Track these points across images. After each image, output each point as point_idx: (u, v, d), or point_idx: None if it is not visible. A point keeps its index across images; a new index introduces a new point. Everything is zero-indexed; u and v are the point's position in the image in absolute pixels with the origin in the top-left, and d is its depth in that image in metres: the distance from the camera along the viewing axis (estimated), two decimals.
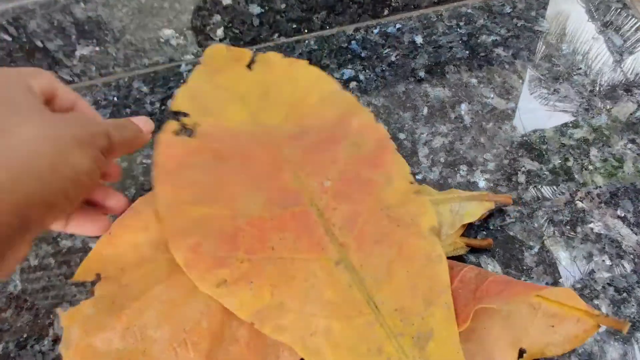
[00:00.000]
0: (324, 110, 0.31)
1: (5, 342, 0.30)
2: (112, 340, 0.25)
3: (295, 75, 0.33)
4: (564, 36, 0.35)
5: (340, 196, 0.28)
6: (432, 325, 0.23)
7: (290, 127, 0.31)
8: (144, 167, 0.36)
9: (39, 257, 0.33)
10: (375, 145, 0.29)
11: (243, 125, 0.31)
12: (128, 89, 0.42)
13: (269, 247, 0.26)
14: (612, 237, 0.27)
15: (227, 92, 0.33)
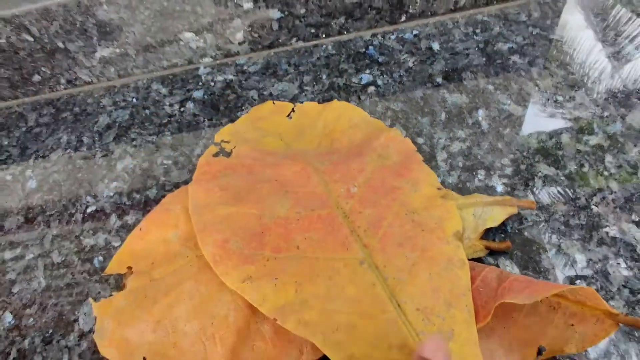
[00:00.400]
0: (353, 133, 0.33)
1: (31, 338, 0.31)
2: (144, 333, 0.26)
3: (327, 113, 0.36)
4: (577, 45, 0.36)
5: (366, 201, 0.28)
6: (452, 326, 0.24)
7: (320, 149, 0.34)
8: (164, 168, 0.37)
9: (62, 254, 0.34)
10: (401, 156, 0.31)
11: (277, 149, 0.34)
12: (147, 90, 0.42)
13: (294, 246, 0.27)
14: (627, 240, 0.28)
15: (266, 131, 0.36)
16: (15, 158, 0.40)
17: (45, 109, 0.43)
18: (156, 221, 0.30)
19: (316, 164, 0.31)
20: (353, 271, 0.26)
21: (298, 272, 0.26)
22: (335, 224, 0.28)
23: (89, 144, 0.40)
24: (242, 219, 0.28)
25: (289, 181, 0.30)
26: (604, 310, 0.22)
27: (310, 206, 0.28)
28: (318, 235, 0.27)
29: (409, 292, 0.25)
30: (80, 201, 0.36)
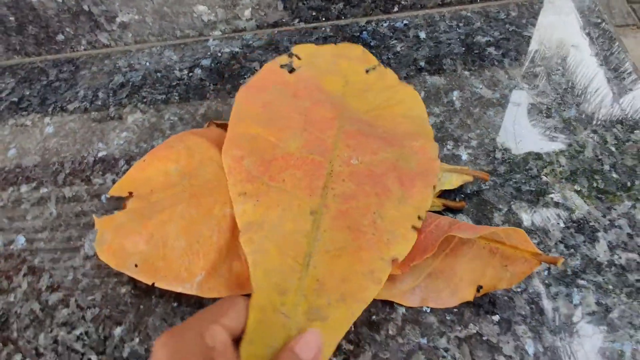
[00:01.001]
0: (401, 122, 0.34)
1: (41, 257, 0.35)
2: (138, 244, 0.30)
3: (398, 90, 0.36)
4: (565, 65, 0.40)
5: (355, 177, 0.30)
6: (330, 314, 0.26)
7: (365, 115, 0.35)
8: (171, 123, 0.41)
9: (73, 190, 0.38)
10: (417, 170, 0.31)
11: (331, 91, 0.36)
12: (160, 56, 0.47)
13: (282, 179, 0.30)
14: (568, 205, 0.32)
15: (338, 70, 0.38)
16: (35, 107, 0.44)
17: (65, 66, 0.48)
18: (159, 155, 0.34)
19: (346, 123, 0.33)
20: (300, 214, 0.29)
21: (272, 199, 0.30)
22: (317, 173, 0.31)
23: (104, 99, 0.44)
24: (263, 143, 0.32)
25: (313, 122, 0.33)
26: (531, 252, 0.27)
27: (312, 150, 0.32)
28: (300, 174, 0.31)
29: (325, 264, 0.27)
30: (93, 147, 0.40)
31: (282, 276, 0.27)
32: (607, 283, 0.29)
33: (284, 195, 0.30)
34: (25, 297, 0.33)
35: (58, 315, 0.32)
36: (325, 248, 0.28)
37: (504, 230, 0.27)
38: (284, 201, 0.30)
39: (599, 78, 0.38)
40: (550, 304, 0.28)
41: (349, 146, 0.32)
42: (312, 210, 0.29)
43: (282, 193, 0.30)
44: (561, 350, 0.27)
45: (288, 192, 0.30)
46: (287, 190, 0.30)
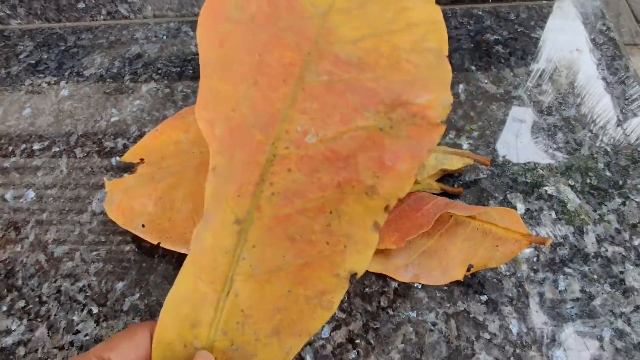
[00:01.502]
0: (406, 62, 0.22)
1: (49, 212, 0.36)
2: (146, 205, 0.31)
3: (415, 9, 0.22)
4: (553, 45, 0.42)
5: (308, 165, 0.22)
6: (259, 352, 0.22)
7: (353, 47, 0.22)
8: (183, 95, 0.42)
9: (84, 151, 0.39)
10: (407, 143, 0.21)
11: (314, 2, 0.23)
12: (177, 31, 0.48)
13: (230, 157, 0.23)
14: (561, 198, 0.33)
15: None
16: (52, 70, 0.46)
17: (84, 34, 0.49)
18: (171, 125, 0.35)
19: (312, 70, 0.22)
20: (222, 222, 0.22)
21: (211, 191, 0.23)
22: (252, 159, 0.22)
23: (120, 67, 0.45)
24: (226, 101, 0.23)
25: (265, 70, 0.23)
26: (522, 232, 0.28)
27: (254, 119, 0.22)
28: (239, 157, 0.23)
29: (249, 290, 0.22)
30: (106, 111, 0.42)
31: (194, 306, 0.21)
32: (593, 273, 0.30)
33: (220, 189, 0.22)
34: (31, 248, 0.34)
35: (62, 267, 0.33)
36: (253, 270, 0.21)
37: (496, 210, 0.28)
38: (217, 198, 0.22)
39: (600, 83, 0.39)
40: (537, 289, 0.29)
41: (305, 113, 0.22)
42: (237, 217, 0.22)
43: (224, 184, 0.23)
44: (544, 331, 0.28)
45: (224, 185, 0.22)
46: (225, 182, 0.22)
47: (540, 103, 0.38)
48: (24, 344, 0.29)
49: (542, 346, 0.27)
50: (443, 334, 0.28)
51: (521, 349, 0.27)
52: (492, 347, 0.28)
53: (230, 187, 0.22)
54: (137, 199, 0.31)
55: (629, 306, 0.28)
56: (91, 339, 0.29)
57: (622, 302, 0.29)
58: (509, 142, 0.36)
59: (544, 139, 0.36)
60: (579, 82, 0.39)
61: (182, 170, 0.32)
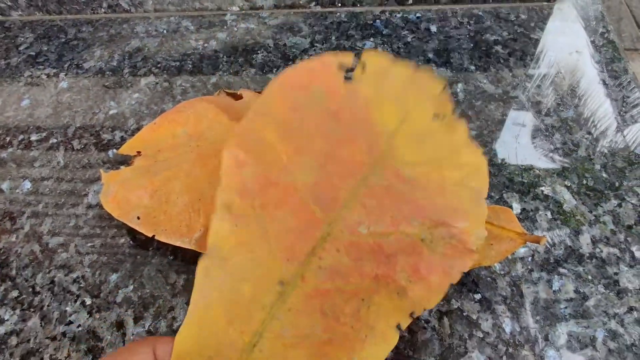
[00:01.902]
0: (451, 192, 0.25)
1: (45, 203, 0.36)
2: (142, 198, 0.31)
3: (464, 154, 0.26)
4: (552, 46, 0.42)
5: (355, 252, 0.24)
6: None
7: (411, 169, 0.26)
8: (182, 89, 0.42)
9: (82, 143, 0.39)
10: (442, 260, 0.24)
11: (382, 124, 0.26)
12: (177, 25, 0.48)
13: (272, 215, 0.24)
14: (557, 199, 0.33)
15: (404, 96, 0.27)
16: (52, 62, 0.46)
17: (84, 27, 0.49)
18: (169, 119, 0.35)
19: (376, 174, 0.25)
20: (267, 278, 0.23)
21: (249, 236, 0.24)
22: (309, 232, 0.24)
23: (119, 60, 0.45)
24: (273, 156, 0.25)
25: (337, 160, 0.25)
26: (517, 231, 0.28)
27: (318, 197, 0.25)
28: (291, 223, 0.24)
29: (273, 350, 0.23)
30: (104, 104, 0.42)
31: (219, 349, 0.22)
32: (587, 273, 0.30)
33: (262, 242, 0.24)
34: (26, 238, 0.34)
35: (57, 258, 0.33)
36: (282, 331, 0.22)
37: (492, 209, 0.28)
38: (258, 249, 0.23)
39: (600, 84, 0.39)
40: (531, 288, 0.29)
41: (364, 207, 0.25)
42: (283, 279, 0.23)
43: (262, 237, 0.24)
44: (537, 330, 0.28)
45: (267, 240, 0.24)
46: (268, 237, 0.24)
47: (539, 104, 0.38)
48: (17, 333, 0.29)
49: (535, 346, 0.27)
50: (436, 331, 0.28)
51: (514, 348, 0.27)
52: (485, 346, 0.27)
53: (275, 246, 0.23)
54: (133, 191, 0.31)
55: (622, 307, 0.28)
56: (84, 330, 0.29)
57: (616, 303, 0.29)
58: (506, 142, 0.36)
59: (541, 139, 0.36)
60: (577, 84, 0.39)
61: (179, 163, 0.32)
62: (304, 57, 0.43)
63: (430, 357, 0.27)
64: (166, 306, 0.30)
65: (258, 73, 0.42)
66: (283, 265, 0.23)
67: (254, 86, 0.41)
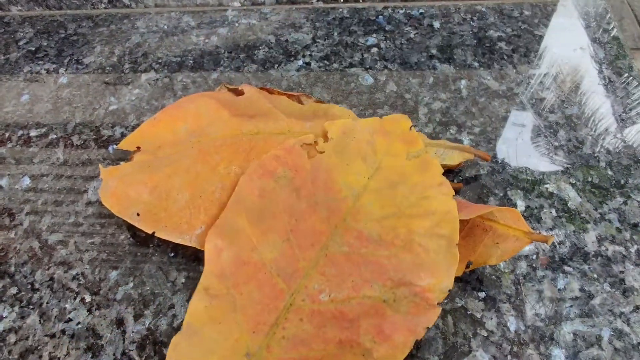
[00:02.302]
0: (418, 246, 0.27)
1: (44, 199, 0.35)
2: (142, 194, 0.31)
3: (435, 199, 0.28)
4: (556, 42, 0.41)
5: (317, 320, 0.25)
6: None
7: (377, 224, 0.28)
8: (183, 84, 0.42)
9: (82, 139, 0.39)
10: (405, 319, 0.24)
11: (349, 187, 0.29)
12: (178, 21, 0.47)
13: (241, 291, 0.26)
14: (562, 196, 0.33)
15: (373, 148, 0.31)
16: (52, 58, 0.45)
17: (84, 22, 0.48)
18: (170, 114, 0.34)
19: (336, 242, 0.27)
20: (234, 351, 0.24)
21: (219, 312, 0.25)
22: (272, 303, 0.25)
23: (120, 56, 0.45)
24: (244, 240, 0.28)
25: (299, 233, 0.28)
26: (523, 230, 0.27)
27: (281, 270, 0.27)
28: (257, 297, 0.26)
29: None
30: (105, 100, 0.41)
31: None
32: (592, 272, 0.30)
33: (230, 316, 0.25)
34: (25, 234, 0.34)
35: (56, 255, 0.33)
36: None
37: (498, 210, 0.28)
38: (226, 323, 0.25)
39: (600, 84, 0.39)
40: (536, 287, 0.29)
41: (324, 275, 0.26)
42: (249, 351, 0.24)
43: (231, 311, 0.25)
44: (542, 329, 0.28)
45: (235, 314, 0.25)
46: (236, 311, 0.25)
47: (543, 101, 0.38)
48: (15, 331, 0.29)
49: (540, 345, 0.27)
50: (440, 330, 0.28)
51: (519, 347, 0.27)
52: (489, 345, 0.27)
53: (241, 319, 0.25)
54: (133, 187, 0.31)
55: (628, 306, 0.28)
56: (83, 328, 0.29)
57: (622, 301, 0.28)
58: (510, 139, 0.36)
59: (545, 136, 0.35)
60: (581, 81, 0.39)
61: (179, 159, 0.32)
62: (306, 53, 0.43)
63: (433, 356, 0.27)
64: (166, 304, 0.30)
65: (260, 69, 0.42)
66: (249, 337, 0.24)
67: (256, 82, 0.41)
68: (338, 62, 0.42)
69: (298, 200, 0.29)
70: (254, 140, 0.33)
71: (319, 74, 0.41)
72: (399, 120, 0.32)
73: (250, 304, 0.25)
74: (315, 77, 0.41)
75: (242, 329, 0.24)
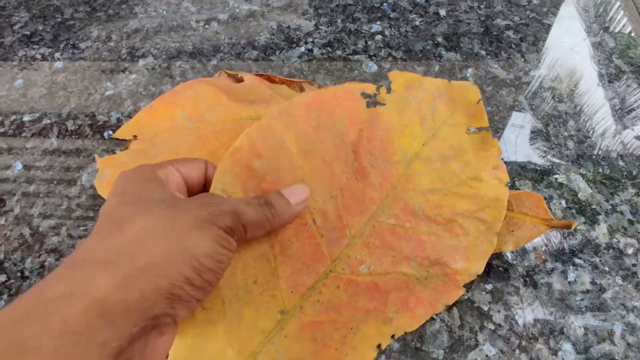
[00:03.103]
0: (460, 227, 0.27)
1: (37, 185, 0.34)
2: None
3: (486, 183, 0.28)
4: (565, 30, 0.40)
5: (352, 289, 0.25)
6: None
7: (423, 198, 0.27)
8: (181, 70, 0.41)
9: (76, 124, 0.38)
10: (431, 295, 0.25)
11: (401, 150, 0.28)
12: (177, 6, 0.46)
13: (285, 239, 0.26)
14: (572, 187, 0.32)
15: (433, 114, 0.30)
16: (47, 42, 0.44)
17: (81, 6, 0.47)
18: (166, 101, 0.33)
19: (385, 212, 0.26)
20: (270, 306, 0.24)
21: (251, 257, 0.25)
22: (312, 266, 0.25)
23: (117, 40, 0.43)
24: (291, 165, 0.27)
25: (349, 194, 0.27)
26: (542, 217, 0.26)
27: (326, 231, 0.26)
28: (299, 254, 0.26)
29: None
30: (101, 85, 0.40)
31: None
32: (604, 264, 0.28)
33: (268, 268, 0.25)
34: (16, 221, 0.32)
35: (47, 242, 0.31)
36: (277, 355, 0.23)
37: (516, 195, 0.27)
38: (262, 273, 0.25)
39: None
40: (545, 279, 0.28)
41: (368, 247, 0.26)
42: (284, 309, 0.24)
43: (268, 261, 0.25)
44: (551, 323, 0.26)
45: (274, 270, 0.25)
46: (276, 265, 0.25)
47: (553, 90, 0.37)
48: None
49: (550, 339, 0.26)
50: (445, 323, 0.27)
51: (527, 341, 0.26)
52: (496, 338, 0.26)
53: (281, 274, 0.25)
54: None
55: None
56: None
57: (635, 295, 0.27)
58: (518, 128, 0.34)
59: (555, 125, 0.34)
60: (590, 72, 0.38)
61: (177, 146, 0.31)
62: (308, 39, 0.42)
63: (439, 349, 0.26)
64: None
65: (261, 55, 0.41)
66: (287, 295, 0.24)
67: (257, 69, 0.40)
68: (341, 49, 0.41)
69: (352, 155, 0.27)
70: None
71: (322, 61, 0.40)
72: (468, 90, 0.30)
73: (290, 262, 0.25)
74: (317, 64, 0.40)
75: (279, 285, 0.24)
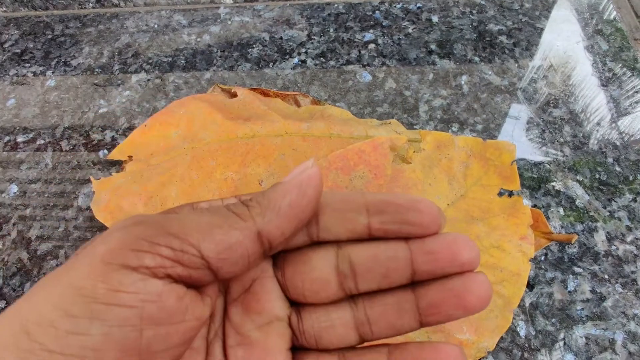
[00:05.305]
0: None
1: (33, 207, 0.34)
2: (136, 205, 0.29)
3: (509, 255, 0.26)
4: (558, 35, 0.40)
5: None
6: None
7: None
8: (175, 85, 0.40)
9: (71, 144, 0.37)
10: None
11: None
12: (169, 19, 0.46)
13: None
14: (569, 194, 0.32)
15: (463, 175, 0.29)
16: (38, 60, 0.44)
17: (72, 22, 0.47)
18: (160, 120, 0.33)
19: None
20: None
21: None
22: None
23: (109, 57, 0.43)
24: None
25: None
26: (542, 231, 0.26)
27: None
28: None
29: None
30: (94, 103, 0.40)
31: None
32: (603, 272, 0.29)
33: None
34: (14, 245, 0.32)
35: (46, 266, 0.31)
36: None
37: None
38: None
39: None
40: (545, 289, 0.28)
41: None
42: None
43: None
44: (553, 334, 0.27)
45: None
46: None
47: (547, 96, 0.37)
48: None
49: (552, 350, 0.26)
50: None
51: (529, 353, 0.26)
52: (498, 351, 0.26)
53: None
54: (126, 198, 0.30)
55: None
56: None
57: (635, 303, 0.27)
58: (514, 136, 0.34)
59: (550, 132, 0.34)
60: (584, 75, 0.38)
61: (173, 167, 0.30)
62: (301, 50, 0.41)
63: None
64: None
65: (254, 68, 0.41)
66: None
67: (250, 81, 0.40)
68: (335, 60, 0.40)
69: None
70: (250, 143, 0.31)
71: (315, 71, 0.40)
72: (504, 149, 0.30)
73: None
74: (311, 75, 0.40)
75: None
